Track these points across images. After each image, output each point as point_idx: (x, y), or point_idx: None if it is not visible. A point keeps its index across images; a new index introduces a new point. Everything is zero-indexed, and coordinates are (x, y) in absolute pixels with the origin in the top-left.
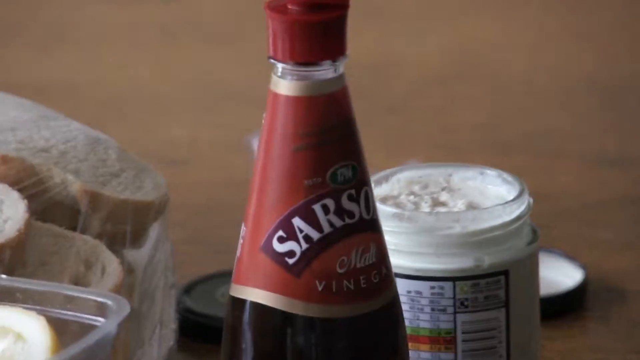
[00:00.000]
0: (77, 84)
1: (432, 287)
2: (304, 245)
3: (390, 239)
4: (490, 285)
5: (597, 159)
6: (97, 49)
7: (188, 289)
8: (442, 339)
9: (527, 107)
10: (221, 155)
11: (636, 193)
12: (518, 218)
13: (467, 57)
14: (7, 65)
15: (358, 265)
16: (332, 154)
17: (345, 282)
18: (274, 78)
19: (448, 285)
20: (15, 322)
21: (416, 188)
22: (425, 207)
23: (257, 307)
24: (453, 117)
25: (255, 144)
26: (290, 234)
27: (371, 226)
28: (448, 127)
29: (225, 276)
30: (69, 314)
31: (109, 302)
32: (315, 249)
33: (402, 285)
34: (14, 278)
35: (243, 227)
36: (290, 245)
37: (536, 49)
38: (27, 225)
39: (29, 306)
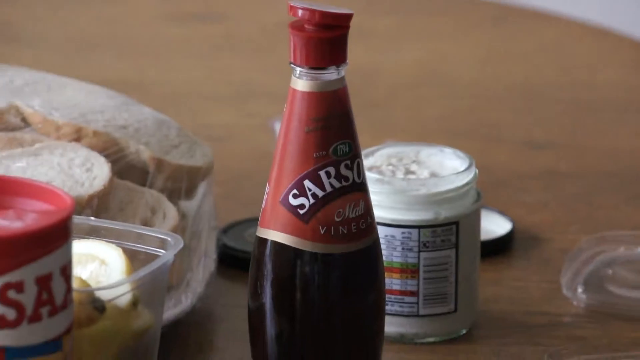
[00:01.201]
0: (147, 81)
1: (403, 233)
2: (311, 200)
3: (374, 197)
4: (445, 232)
5: (526, 144)
6: (161, 56)
7: (225, 230)
8: (409, 270)
9: (475, 105)
10: (251, 135)
11: (552, 168)
12: (467, 184)
13: (431, 68)
14: (99, 66)
15: (350, 216)
16: (334, 134)
17: (340, 227)
18: (293, 78)
19: (414, 231)
20: (100, 251)
21: (393, 160)
22: (399, 175)
23: (276, 245)
24: (420, 111)
25: (277, 126)
26: (302, 192)
27: (361, 188)
28: (416, 118)
29: (251, 222)
30: (139, 247)
31: (168, 239)
32: (319, 203)
33: (381, 231)
34: (99, 220)
35: (267, 186)
36: (301, 200)
37: (482, 63)
38: (110, 181)
39: (110, 240)
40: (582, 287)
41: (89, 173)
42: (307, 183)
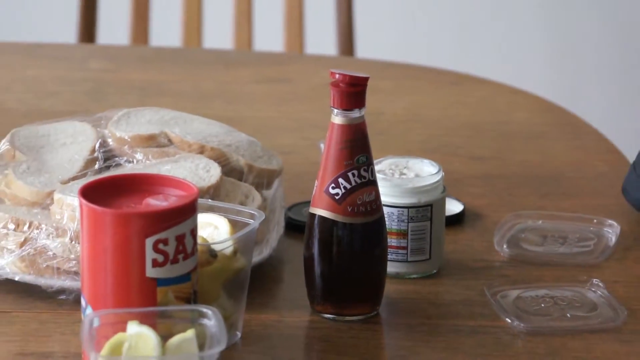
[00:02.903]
0: (243, 118)
1: (399, 211)
2: (343, 191)
3: (381, 189)
4: (424, 211)
5: (471, 157)
6: (252, 103)
7: (289, 208)
8: (401, 234)
9: (441, 133)
10: (306, 151)
11: (488, 172)
12: (437, 181)
13: (414, 111)
14: (214, 109)
15: (366, 200)
16: (357, 150)
17: (361, 207)
18: (332, 116)
19: (405, 210)
20: (214, 220)
21: (392, 167)
22: (396, 175)
23: (321, 218)
24: (408, 137)
25: (322, 146)
26: (337, 185)
27: (373, 183)
28: (405, 141)
29: (306, 203)
30: (238, 218)
31: (255, 213)
32: (348, 192)
33: (386, 210)
34: (214, 201)
35: (316, 182)
36: (337, 190)
37: (445, 108)
38: (220, 178)
39: (220, 214)
40: (506, 245)
41: (208, 173)
42: (340, 180)
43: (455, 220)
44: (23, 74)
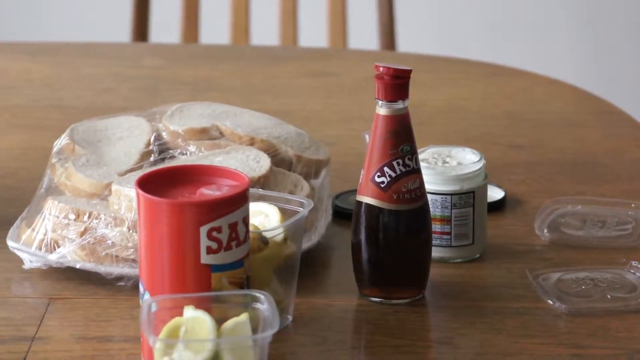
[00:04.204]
0: (291, 111)
1: (442, 198)
2: (388, 179)
3: (425, 177)
4: (467, 198)
5: (511, 146)
6: (300, 96)
7: (337, 197)
8: (445, 220)
9: (481, 123)
10: (351, 142)
11: (527, 160)
12: (479, 169)
13: (454, 102)
14: (263, 103)
15: (411, 188)
16: (401, 140)
17: (405, 194)
18: (377, 107)
19: (448, 197)
20: (264, 209)
21: (435, 156)
22: (439, 164)
23: (367, 205)
24: (449, 127)
25: (367, 136)
26: (382, 174)
27: (417, 171)
28: (447, 131)
29: (352, 192)
30: (287, 206)
31: (304, 202)
32: (393, 181)
33: (429, 197)
34: (264, 190)
35: (362, 171)
36: (382, 178)
37: (484, 99)
38: (270, 169)
39: (270, 202)
40: (547, 229)
41: (258, 164)
42: (386, 169)
43: (496, 207)
44: (80, 73)
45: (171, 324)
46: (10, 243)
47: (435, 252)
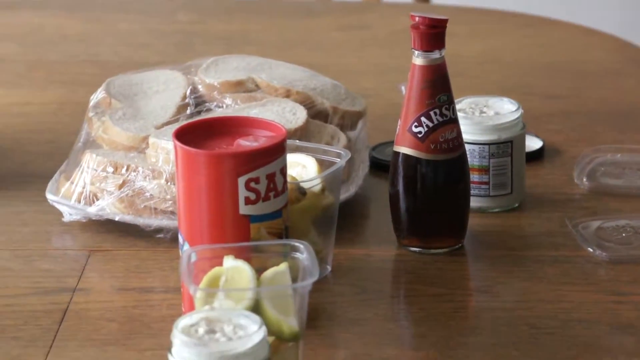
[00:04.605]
0: (327, 64)
1: (480, 147)
2: (425, 129)
3: (462, 127)
4: (505, 147)
5: (548, 96)
6: (334, 50)
7: (373, 148)
8: (483, 170)
9: (517, 73)
10: (387, 93)
11: (564, 110)
12: (517, 119)
13: (490, 53)
14: (297, 56)
15: (448, 137)
16: (438, 89)
17: (443, 144)
18: (414, 58)
19: (486, 147)
20: (302, 160)
21: (473, 106)
22: (476, 113)
23: (404, 156)
24: (486, 78)
25: (402, 88)
26: (420, 124)
27: (454, 121)
28: (484, 81)
29: (389, 143)
30: (324, 157)
31: (342, 152)
32: (430, 131)
33: (467, 147)
34: (301, 142)
35: (399, 121)
36: (419, 129)
37: (519, 50)
38: (307, 121)
39: (307, 153)
40: (586, 178)
41: (294, 116)
42: (423, 119)
43: (535, 156)
44: (116, 28)
45: (211, 273)
46: (49, 196)
47: (474, 202)
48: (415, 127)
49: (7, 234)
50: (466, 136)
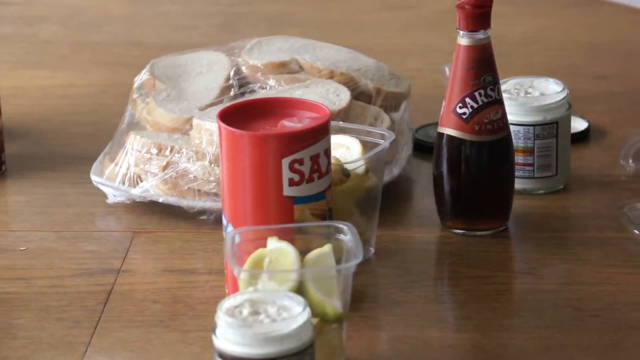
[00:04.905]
0: (370, 45)
1: (525, 129)
2: (470, 110)
3: (507, 108)
4: (550, 129)
5: (595, 76)
6: (378, 30)
7: (417, 130)
8: (528, 151)
9: (563, 55)
10: (431, 75)
11: (611, 90)
12: (562, 99)
13: (536, 34)
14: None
15: (493, 119)
16: (483, 70)
17: (487, 125)
18: (459, 38)
19: (531, 128)
20: (346, 141)
21: (517, 86)
22: (521, 94)
23: (449, 137)
24: (531, 58)
25: (446, 69)
26: (464, 105)
27: (499, 102)
28: (529, 62)
29: (433, 125)
30: (368, 139)
31: (385, 134)
32: (475, 112)
33: (512, 128)
34: (345, 123)
35: (443, 102)
36: (464, 109)
37: (566, 30)
38: (350, 102)
39: (351, 135)
40: (632, 160)
41: (338, 97)
42: (467, 99)
43: (580, 137)
44: (159, 10)
45: (255, 255)
46: (94, 178)
47: (518, 184)
48: (460, 108)
49: (52, 216)
50: (511, 117)
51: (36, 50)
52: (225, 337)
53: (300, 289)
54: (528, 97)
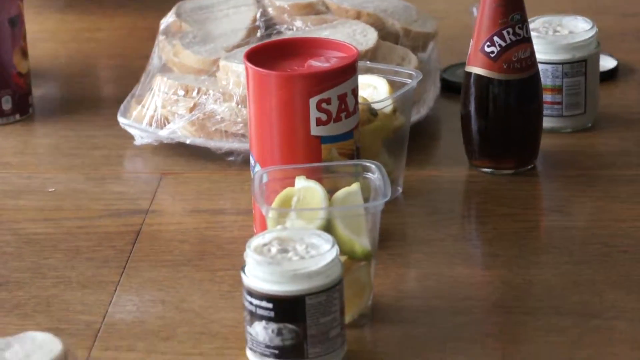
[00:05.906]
0: None
1: (553, 67)
2: (498, 48)
3: (536, 47)
4: (578, 66)
5: (622, 14)
6: None
7: (444, 70)
8: (556, 89)
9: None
10: (459, 15)
11: (639, 28)
12: (591, 37)
13: None
14: None
15: (521, 57)
16: (511, 8)
17: (516, 64)
18: None
19: (560, 66)
20: (373, 81)
21: (546, 25)
22: (550, 32)
23: (477, 76)
24: None
25: (474, 10)
26: (492, 43)
27: (528, 40)
28: (557, 2)
29: (460, 65)
30: (396, 78)
31: (413, 73)
32: (503, 50)
33: (540, 66)
34: (373, 62)
35: (471, 42)
36: (492, 48)
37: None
38: (377, 42)
39: (379, 75)
40: None
41: (365, 37)
42: (496, 38)
43: (609, 76)
44: None
45: (283, 194)
46: (121, 120)
47: (546, 122)
48: (488, 46)
49: (80, 158)
50: (539, 55)
51: None
52: (254, 275)
53: (328, 228)
54: (556, 35)
